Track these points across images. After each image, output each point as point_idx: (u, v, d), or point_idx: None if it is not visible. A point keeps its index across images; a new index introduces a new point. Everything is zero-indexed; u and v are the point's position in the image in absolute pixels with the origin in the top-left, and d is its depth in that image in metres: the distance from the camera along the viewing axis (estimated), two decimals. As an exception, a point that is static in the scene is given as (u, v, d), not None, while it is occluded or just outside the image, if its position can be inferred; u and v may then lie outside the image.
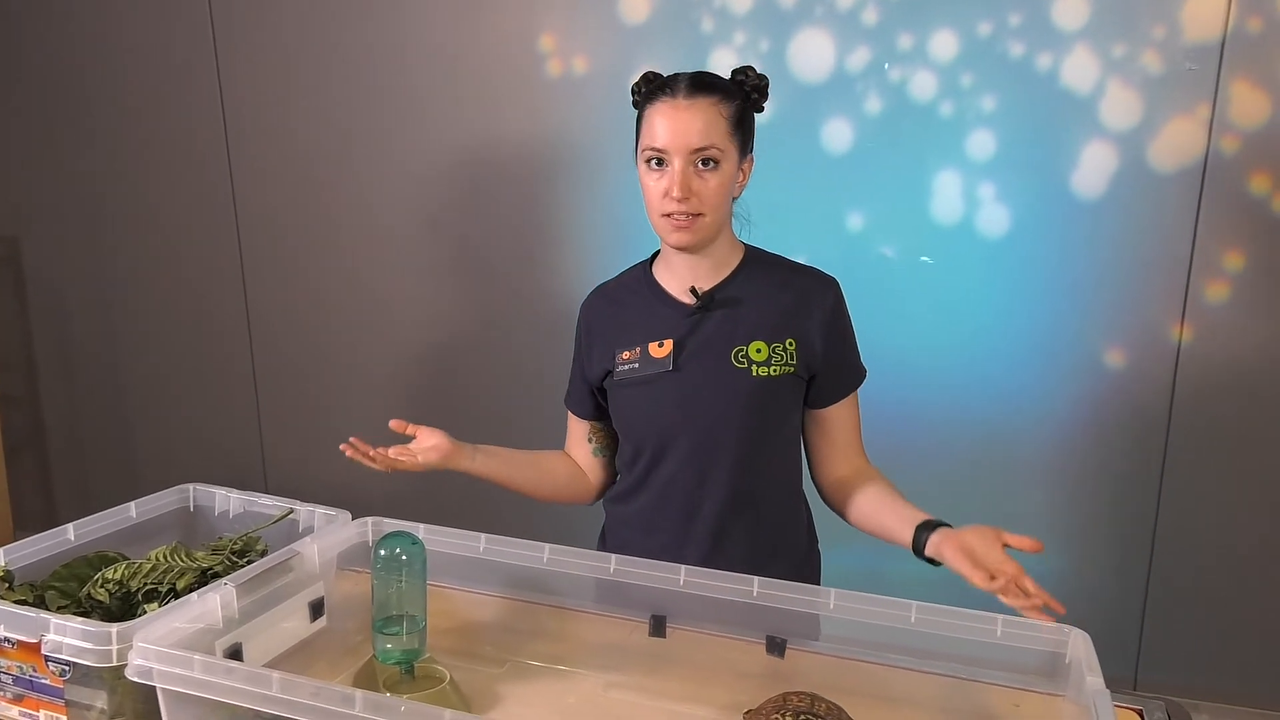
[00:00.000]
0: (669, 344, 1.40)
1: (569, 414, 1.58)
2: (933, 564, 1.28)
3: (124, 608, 1.22)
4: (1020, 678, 1.14)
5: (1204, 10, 2.02)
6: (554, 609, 1.33)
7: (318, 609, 1.27)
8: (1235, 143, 2.06)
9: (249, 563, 1.30)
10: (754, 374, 1.38)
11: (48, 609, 1.19)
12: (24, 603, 1.19)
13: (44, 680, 1.12)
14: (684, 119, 1.30)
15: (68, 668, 1.09)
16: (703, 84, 1.33)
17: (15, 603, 1.17)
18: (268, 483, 3.01)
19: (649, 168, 1.34)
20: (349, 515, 1.38)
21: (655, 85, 1.35)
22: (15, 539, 1.31)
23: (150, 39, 2.82)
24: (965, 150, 2.20)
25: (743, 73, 1.38)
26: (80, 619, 1.08)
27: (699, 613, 1.21)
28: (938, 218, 2.26)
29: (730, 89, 1.35)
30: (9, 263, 3.18)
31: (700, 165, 1.31)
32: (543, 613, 1.33)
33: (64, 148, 3.01)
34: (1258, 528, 2.21)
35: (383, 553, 1.19)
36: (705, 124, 1.30)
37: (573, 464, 1.58)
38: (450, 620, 1.34)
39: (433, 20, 2.53)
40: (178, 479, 1.54)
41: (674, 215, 1.32)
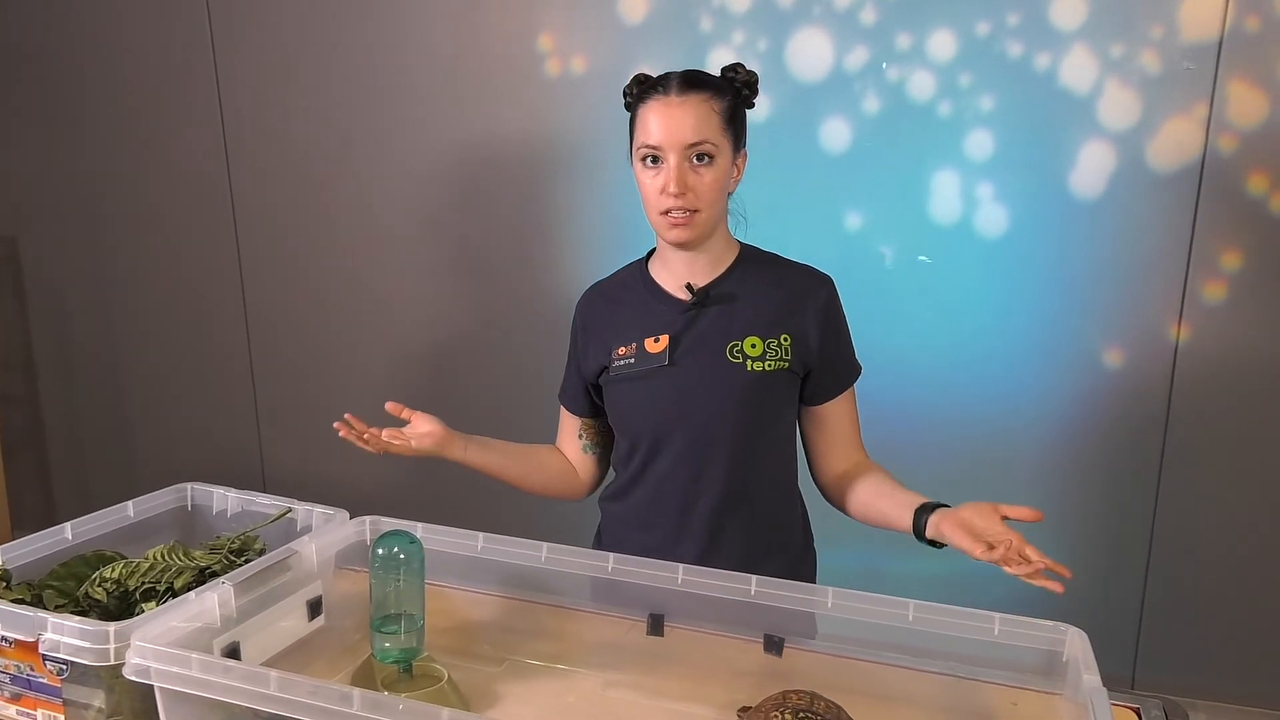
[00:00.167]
0: (665, 339, 1.41)
1: (562, 409, 1.59)
2: (935, 546, 1.28)
3: (122, 607, 1.22)
4: (1018, 676, 1.14)
5: (1202, 10, 2.02)
6: (552, 608, 1.33)
7: (316, 608, 1.27)
8: (1233, 142, 2.06)
9: (247, 562, 1.30)
10: (749, 369, 1.39)
11: (45, 608, 1.19)
12: (22, 602, 1.19)
13: (41, 679, 1.12)
14: (677, 115, 1.31)
15: (65, 667, 1.09)
16: (694, 81, 1.34)
17: (13, 602, 1.17)
18: (265, 482, 3.01)
19: (644, 166, 1.35)
20: (347, 514, 1.39)
21: (647, 85, 1.37)
22: (13, 538, 1.31)
23: (149, 38, 2.82)
24: (963, 150, 2.20)
25: (733, 70, 1.40)
26: (78, 618, 1.08)
27: (697, 611, 1.21)
28: (936, 217, 2.26)
29: (721, 85, 1.37)
30: (8, 262, 3.18)
31: (695, 161, 1.33)
32: (541, 611, 1.33)
33: (63, 147, 3.00)
34: (1256, 526, 2.21)
35: (381, 551, 1.19)
36: (698, 120, 1.32)
37: (563, 459, 1.59)
38: (448, 619, 1.34)
39: (431, 19, 2.53)
40: (175, 478, 1.54)
41: (671, 212, 1.33)
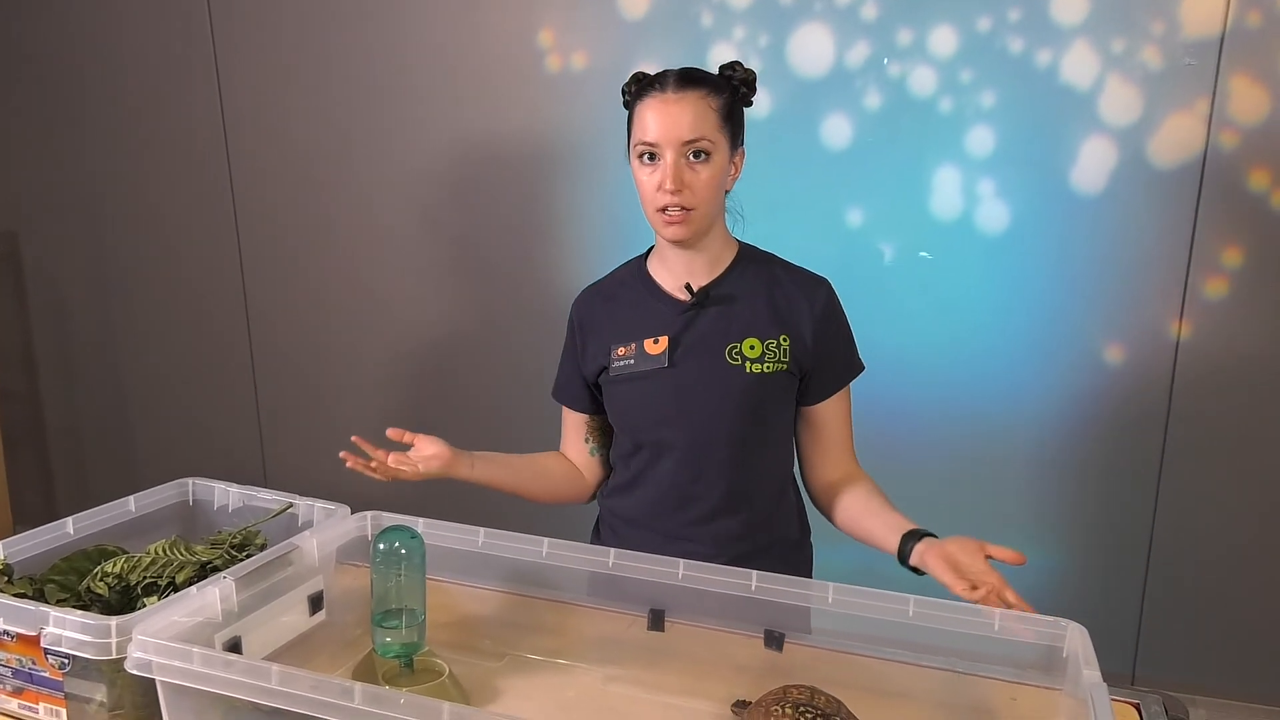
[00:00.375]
0: (664, 341, 1.41)
1: (564, 410, 1.58)
2: (916, 573, 1.30)
3: (123, 601, 1.23)
4: (1017, 671, 1.14)
5: (1203, 5, 2.02)
6: (553, 603, 1.33)
7: (317, 603, 1.27)
8: (1234, 138, 2.06)
9: (248, 556, 1.30)
10: (748, 370, 1.39)
11: (47, 602, 1.19)
12: (23, 596, 1.20)
13: (43, 673, 1.12)
14: (673, 112, 1.31)
15: (67, 661, 1.09)
16: (691, 78, 1.34)
17: (15, 596, 1.17)
18: (267, 477, 3.01)
19: (641, 163, 1.35)
20: (348, 509, 1.39)
21: (644, 83, 1.37)
22: (15, 533, 1.31)
23: (150, 36, 2.82)
24: (965, 146, 2.20)
25: (730, 67, 1.39)
26: (80, 612, 1.09)
27: (697, 606, 1.21)
28: (937, 214, 2.26)
29: (718, 83, 1.37)
30: (9, 259, 3.18)
31: (691, 158, 1.33)
32: (541, 606, 1.33)
33: (63, 144, 3.00)
34: (1256, 523, 2.21)
35: (382, 547, 1.19)
36: (695, 116, 1.32)
37: (568, 464, 1.58)
38: (449, 614, 1.34)
39: (432, 16, 2.53)
40: (177, 473, 1.55)
41: (668, 210, 1.33)
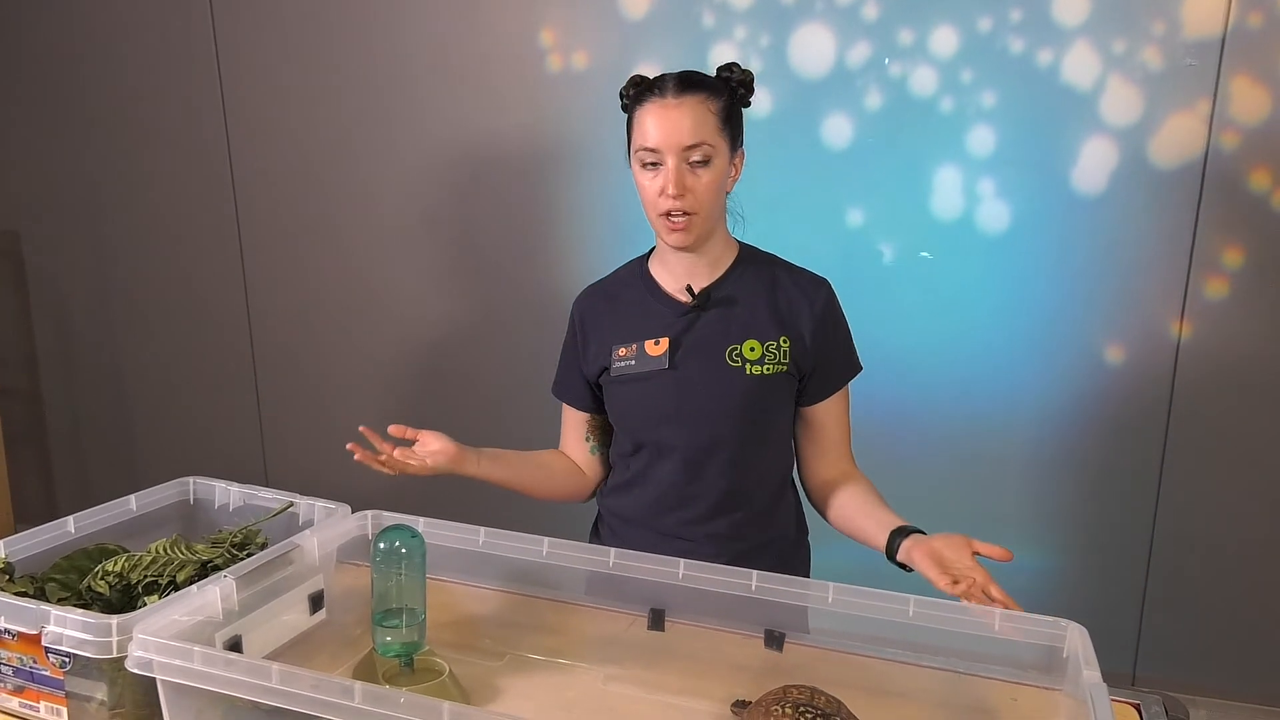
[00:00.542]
0: (665, 342, 1.41)
1: (564, 409, 1.58)
2: (905, 569, 1.30)
3: (124, 600, 1.23)
4: (1018, 672, 1.14)
5: (1204, 6, 2.02)
6: (553, 602, 1.33)
7: (317, 602, 1.27)
8: (1235, 139, 2.06)
9: (249, 555, 1.30)
10: (748, 372, 1.39)
11: (48, 601, 1.19)
12: (24, 595, 1.20)
13: (44, 672, 1.12)
14: (674, 117, 1.32)
15: (68, 659, 1.09)
16: (690, 82, 1.34)
17: (16, 595, 1.17)
18: (268, 476, 3.02)
19: (643, 168, 1.36)
20: (349, 508, 1.39)
21: (643, 87, 1.37)
22: (16, 531, 1.31)
23: (151, 32, 2.81)
24: (965, 146, 2.20)
25: (728, 69, 1.40)
26: (80, 611, 1.09)
27: (698, 606, 1.21)
28: (938, 213, 2.26)
29: (717, 85, 1.37)
30: (9, 256, 3.18)
31: (693, 163, 1.33)
32: (542, 606, 1.33)
33: (64, 142, 3.00)
34: (1256, 523, 2.21)
35: (382, 546, 1.19)
36: (695, 121, 1.32)
37: (569, 461, 1.59)
38: (449, 613, 1.34)
39: (433, 16, 2.53)
40: (178, 472, 1.55)
41: (671, 215, 1.34)
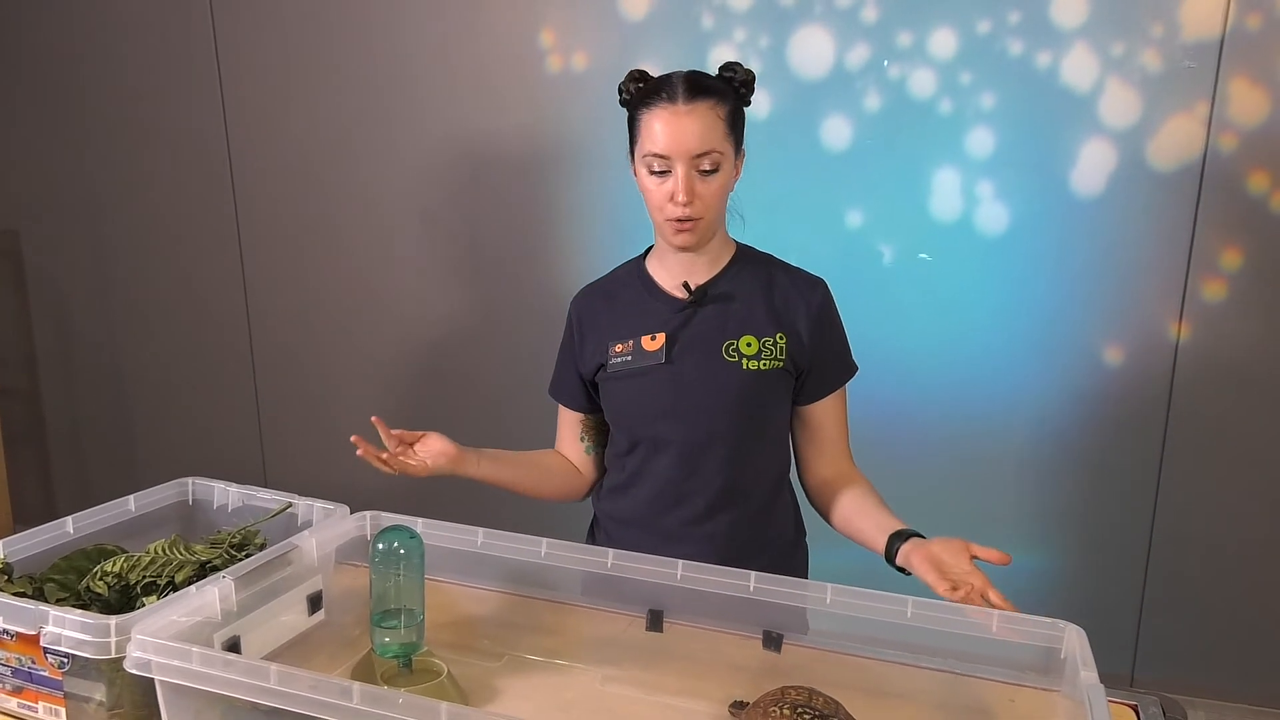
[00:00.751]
0: (661, 337, 1.42)
1: (560, 409, 1.59)
2: (903, 573, 1.30)
3: (123, 600, 1.23)
4: (1015, 673, 1.14)
5: (1203, 8, 2.02)
6: (551, 603, 1.33)
7: (316, 602, 1.27)
8: (1234, 141, 2.06)
9: (247, 556, 1.30)
10: (744, 368, 1.39)
11: (47, 601, 1.19)
12: (23, 595, 1.19)
13: (43, 672, 1.12)
14: (684, 124, 1.31)
15: (66, 660, 1.09)
16: (699, 87, 1.33)
17: (14, 595, 1.17)
18: (267, 477, 3.02)
19: (650, 172, 1.35)
20: (347, 509, 1.39)
21: (649, 88, 1.35)
22: (14, 531, 1.31)
23: (151, 32, 2.82)
24: (964, 148, 2.21)
25: (730, 69, 1.38)
26: (79, 611, 1.09)
27: (696, 607, 1.21)
28: (936, 215, 2.26)
29: (723, 89, 1.36)
30: (9, 256, 3.18)
31: (702, 170, 1.32)
32: (540, 607, 1.34)
33: (64, 141, 3.01)
34: (1255, 525, 2.21)
35: (381, 546, 1.19)
36: (705, 129, 1.31)
37: (566, 462, 1.59)
38: (448, 614, 1.34)
39: (433, 15, 2.53)
40: (177, 472, 1.55)
41: (678, 220, 1.33)
